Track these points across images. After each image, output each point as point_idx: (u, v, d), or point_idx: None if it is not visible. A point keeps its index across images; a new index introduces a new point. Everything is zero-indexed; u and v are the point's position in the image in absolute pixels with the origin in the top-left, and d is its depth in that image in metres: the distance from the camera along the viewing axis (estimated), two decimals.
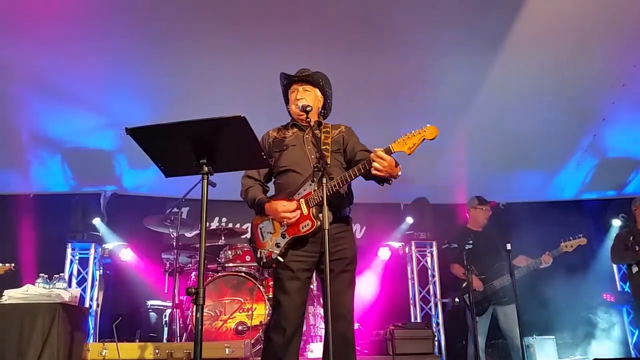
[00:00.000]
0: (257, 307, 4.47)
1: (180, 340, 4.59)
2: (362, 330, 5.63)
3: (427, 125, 2.56)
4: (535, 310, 5.79)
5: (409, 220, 6.45)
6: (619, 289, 6.38)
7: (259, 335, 4.27)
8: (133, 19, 4.69)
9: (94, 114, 5.55)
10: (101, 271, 5.90)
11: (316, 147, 2.73)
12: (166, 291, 5.01)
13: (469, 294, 4.40)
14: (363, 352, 5.16)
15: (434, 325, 6.06)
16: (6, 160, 5.95)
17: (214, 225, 6.52)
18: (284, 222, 2.71)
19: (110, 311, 5.92)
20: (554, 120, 5.86)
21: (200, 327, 1.99)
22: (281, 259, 2.70)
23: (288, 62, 3.11)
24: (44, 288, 3.60)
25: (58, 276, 3.83)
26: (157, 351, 3.67)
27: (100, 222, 6.03)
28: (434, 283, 6.25)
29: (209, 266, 4.92)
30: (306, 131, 2.92)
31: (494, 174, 6.42)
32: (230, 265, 4.88)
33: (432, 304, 6.20)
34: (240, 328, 4.40)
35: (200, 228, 2.12)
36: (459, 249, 4.65)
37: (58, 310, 3.35)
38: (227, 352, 3.67)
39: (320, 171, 2.53)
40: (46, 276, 3.75)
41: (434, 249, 6.31)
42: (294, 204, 2.70)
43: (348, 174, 2.64)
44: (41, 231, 6.07)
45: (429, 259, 6.38)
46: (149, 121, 2.13)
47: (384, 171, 2.53)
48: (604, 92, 5.64)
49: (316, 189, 2.68)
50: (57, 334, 3.28)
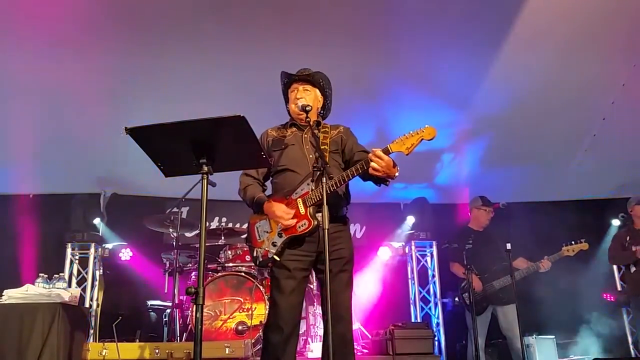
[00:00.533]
0: (257, 307, 4.47)
1: (180, 340, 4.59)
2: (362, 330, 5.64)
3: (425, 126, 2.56)
4: (535, 310, 5.79)
5: (410, 220, 6.44)
6: (619, 288, 6.38)
7: (259, 335, 4.27)
8: (133, 19, 4.68)
9: (95, 114, 5.54)
10: (101, 271, 5.90)
11: (315, 147, 2.74)
12: (166, 291, 5.02)
13: (468, 293, 4.41)
14: (363, 352, 5.16)
15: (434, 325, 6.06)
16: (6, 160, 5.95)
17: (213, 225, 6.52)
18: (279, 223, 2.72)
19: (110, 311, 5.90)
20: (553, 120, 5.86)
21: (200, 327, 1.99)
22: (277, 258, 2.71)
23: (288, 62, 3.11)
24: (43, 288, 3.60)
25: (58, 276, 3.84)
26: (157, 351, 3.68)
27: (100, 222, 6.03)
28: (434, 283, 6.25)
29: (208, 266, 4.93)
30: (305, 131, 2.92)
31: (493, 173, 6.42)
32: (230, 265, 4.88)
33: (432, 303, 6.21)
34: (240, 328, 4.40)
35: (200, 228, 2.12)
36: (459, 248, 4.66)
37: (58, 310, 3.35)
38: (227, 352, 3.68)
39: (319, 171, 2.54)
40: (46, 276, 3.75)
41: (434, 249, 6.31)
42: (292, 212, 2.70)
43: (346, 173, 2.65)
44: (41, 231, 6.07)
45: (429, 259, 6.39)
46: (148, 121, 2.13)
47: (381, 171, 2.54)
48: (604, 92, 5.64)
49: (314, 188, 2.69)
50: (57, 334, 3.28)
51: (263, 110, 3.49)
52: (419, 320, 6.03)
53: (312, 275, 4.34)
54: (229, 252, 4.98)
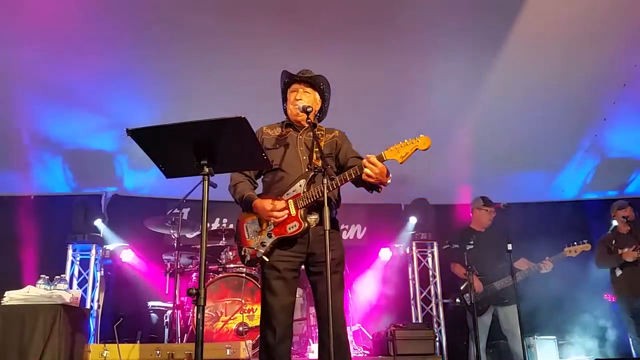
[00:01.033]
0: (257, 308, 4.46)
1: (181, 341, 4.59)
2: (363, 331, 5.63)
3: (420, 135, 2.58)
4: (536, 311, 5.78)
5: (412, 220, 6.42)
6: None
7: (259, 336, 4.27)
8: (133, 19, 4.69)
9: (95, 115, 5.55)
10: (102, 272, 5.89)
11: (309, 149, 2.75)
12: (167, 292, 5.02)
13: (469, 294, 4.40)
14: (364, 353, 5.16)
15: (435, 325, 6.05)
16: (7, 162, 5.95)
17: (214, 226, 6.52)
18: (271, 220, 2.71)
19: (111, 312, 5.92)
20: (554, 120, 5.85)
21: (201, 328, 1.99)
22: (266, 259, 2.72)
23: (287, 63, 3.10)
24: (45, 289, 3.61)
25: (59, 277, 3.85)
26: (158, 352, 3.68)
27: (101, 223, 6.02)
28: (435, 283, 6.24)
29: (209, 267, 4.93)
30: (300, 132, 2.93)
31: (494, 174, 6.42)
32: (231, 266, 4.88)
33: (433, 304, 6.19)
34: (241, 329, 4.40)
35: (201, 229, 2.12)
36: (459, 249, 4.65)
37: (59, 311, 3.36)
38: (228, 353, 3.68)
39: (315, 173, 2.56)
40: (47, 277, 3.76)
41: (435, 250, 6.30)
42: (282, 203, 2.70)
43: (339, 177, 2.66)
44: (42, 232, 6.07)
45: (429, 260, 6.37)
46: (150, 122, 2.13)
47: (374, 178, 2.55)
48: (605, 92, 5.64)
49: (305, 190, 2.69)
50: (58, 335, 3.29)
51: (263, 111, 3.48)
52: (420, 321, 6.02)
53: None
54: (230, 253, 4.98)
